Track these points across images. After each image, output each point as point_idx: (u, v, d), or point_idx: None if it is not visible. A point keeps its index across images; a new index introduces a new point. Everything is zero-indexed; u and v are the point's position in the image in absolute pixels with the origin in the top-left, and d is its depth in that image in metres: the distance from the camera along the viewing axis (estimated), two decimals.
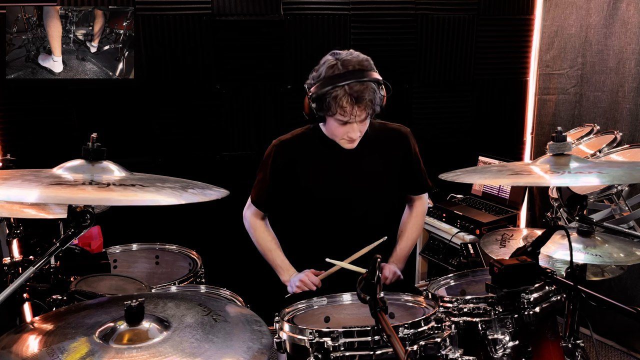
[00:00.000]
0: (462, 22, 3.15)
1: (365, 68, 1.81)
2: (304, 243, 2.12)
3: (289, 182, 2.02)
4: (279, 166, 2.01)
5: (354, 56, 1.83)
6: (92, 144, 1.25)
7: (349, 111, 1.79)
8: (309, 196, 2.03)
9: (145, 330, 1.12)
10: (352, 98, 1.76)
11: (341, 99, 1.77)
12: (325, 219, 2.05)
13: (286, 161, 2.01)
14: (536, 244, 1.49)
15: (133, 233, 2.40)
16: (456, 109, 3.30)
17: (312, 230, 2.09)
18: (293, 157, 2.01)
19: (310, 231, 2.10)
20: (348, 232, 2.03)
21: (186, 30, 2.80)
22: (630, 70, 2.79)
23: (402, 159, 2.07)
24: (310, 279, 1.97)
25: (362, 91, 1.77)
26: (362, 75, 1.79)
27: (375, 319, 1.25)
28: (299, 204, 2.06)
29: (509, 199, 3.05)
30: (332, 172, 2.01)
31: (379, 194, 2.06)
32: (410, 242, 2.20)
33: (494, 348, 1.56)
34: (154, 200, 1.14)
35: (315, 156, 2.01)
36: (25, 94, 2.69)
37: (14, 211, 1.74)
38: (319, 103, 1.82)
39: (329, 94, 1.78)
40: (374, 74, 1.83)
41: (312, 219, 2.07)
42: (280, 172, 2.01)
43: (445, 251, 2.99)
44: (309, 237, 2.10)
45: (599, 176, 1.45)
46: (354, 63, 1.80)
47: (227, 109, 2.94)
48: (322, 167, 2.01)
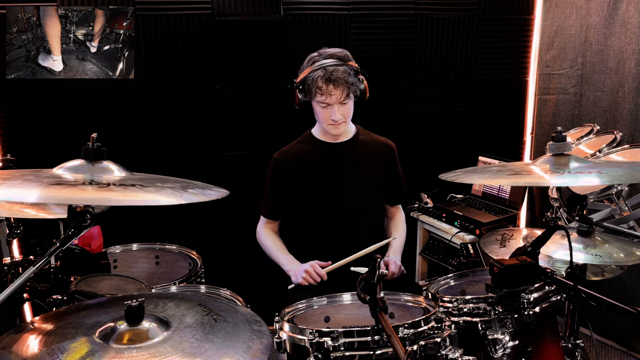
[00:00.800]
0: (462, 22, 3.15)
1: (341, 57, 2.03)
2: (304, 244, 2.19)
3: (290, 189, 2.15)
4: (279, 176, 2.16)
5: (333, 49, 2.06)
6: (92, 144, 1.25)
7: (325, 90, 1.99)
8: (308, 198, 2.14)
9: (145, 330, 1.12)
10: (327, 76, 1.97)
11: (317, 80, 1.99)
12: (323, 220, 2.15)
13: (286, 170, 2.15)
14: (536, 244, 1.49)
15: (133, 233, 2.40)
16: (456, 109, 3.30)
17: (312, 231, 2.17)
18: (292, 165, 2.15)
19: (310, 232, 2.18)
20: (345, 232, 2.14)
21: (186, 30, 2.80)
22: (630, 70, 2.79)
23: (388, 168, 2.22)
24: (316, 270, 2.01)
25: (335, 71, 1.98)
26: (339, 60, 2.02)
27: (375, 319, 1.25)
28: (299, 207, 2.17)
29: (509, 199, 3.05)
30: (329, 174, 2.14)
31: (370, 194, 2.19)
32: (402, 237, 2.30)
33: (494, 348, 1.56)
34: (154, 200, 1.14)
35: (312, 160, 2.15)
36: (25, 94, 2.69)
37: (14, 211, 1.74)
38: (302, 90, 2.07)
39: (308, 77, 2.02)
40: (351, 63, 2.04)
41: (311, 220, 2.17)
42: (281, 180, 2.16)
43: (445, 251, 2.99)
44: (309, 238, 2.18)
45: (599, 176, 1.45)
46: (331, 52, 2.04)
47: (227, 109, 2.94)
48: (320, 170, 2.14)
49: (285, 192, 2.17)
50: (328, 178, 2.14)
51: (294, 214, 2.21)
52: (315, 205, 2.15)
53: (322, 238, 2.15)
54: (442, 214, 3.07)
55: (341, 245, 2.08)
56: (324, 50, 2.06)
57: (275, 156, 2.18)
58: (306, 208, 2.16)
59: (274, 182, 2.18)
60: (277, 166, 2.16)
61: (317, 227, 2.16)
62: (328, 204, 2.14)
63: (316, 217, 2.16)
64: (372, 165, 2.17)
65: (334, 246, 2.09)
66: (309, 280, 2.01)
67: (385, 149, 2.22)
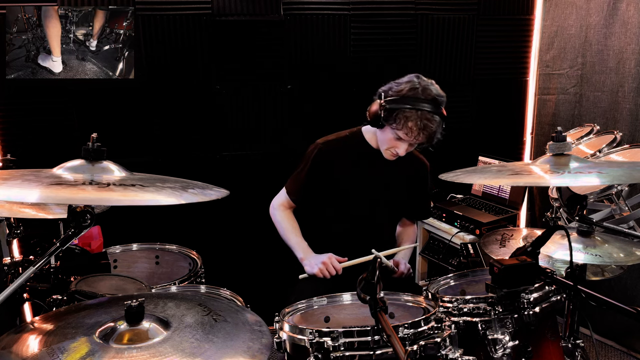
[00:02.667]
0: (462, 22, 3.15)
1: (441, 103, 1.96)
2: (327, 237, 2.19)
3: (325, 181, 2.14)
4: (319, 165, 2.13)
5: (435, 87, 1.97)
6: (92, 144, 1.25)
7: (414, 134, 1.93)
8: (344, 197, 2.15)
9: (145, 330, 1.12)
10: (421, 123, 1.91)
11: (412, 120, 1.91)
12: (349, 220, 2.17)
13: (327, 161, 2.13)
14: (536, 244, 1.49)
15: (133, 233, 2.40)
16: (456, 109, 3.29)
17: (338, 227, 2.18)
18: (334, 158, 2.13)
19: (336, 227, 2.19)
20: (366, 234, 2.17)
21: (186, 30, 2.80)
22: (630, 70, 2.79)
23: (417, 184, 2.26)
24: (332, 263, 2.02)
25: (431, 121, 1.92)
26: (437, 108, 1.94)
27: (375, 319, 1.26)
28: (329, 201, 2.17)
29: (509, 199, 3.05)
30: (367, 179, 2.15)
31: (399, 206, 2.27)
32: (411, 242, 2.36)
33: (494, 348, 1.56)
34: (154, 200, 1.14)
35: (355, 161, 2.14)
36: (25, 94, 2.69)
37: (14, 211, 1.74)
38: (389, 113, 1.94)
39: (403, 111, 1.91)
40: (444, 111, 1.97)
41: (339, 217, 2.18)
42: (318, 170, 2.13)
43: (445, 251, 2.99)
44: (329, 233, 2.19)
45: (599, 176, 1.45)
46: (434, 94, 1.94)
47: (227, 109, 2.94)
48: (359, 173, 2.14)
49: (320, 182, 2.14)
50: (366, 181, 2.14)
51: (322, 205, 2.19)
52: (347, 203, 2.15)
53: (347, 235, 2.16)
54: (442, 214, 3.07)
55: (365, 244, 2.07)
56: (426, 84, 1.95)
57: (320, 143, 2.14)
58: (338, 204, 2.16)
59: (312, 169, 2.13)
60: (320, 154, 2.12)
61: (343, 224, 2.17)
62: (360, 205, 2.15)
63: (345, 215, 2.16)
64: (405, 178, 2.21)
65: (357, 244, 2.09)
66: (324, 273, 2.00)
67: (421, 165, 2.25)
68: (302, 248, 2.13)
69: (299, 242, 2.15)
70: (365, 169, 2.14)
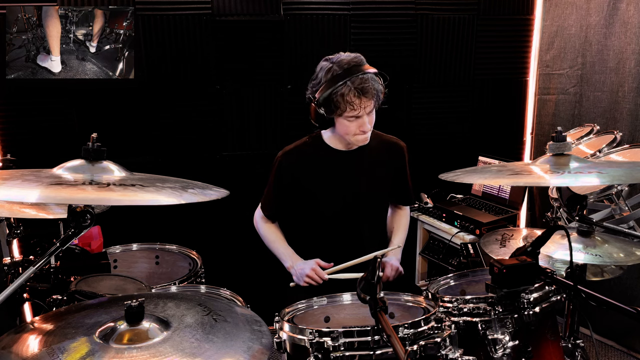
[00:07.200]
0: (462, 22, 3.15)
1: (359, 63, 1.90)
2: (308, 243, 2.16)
3: (293, 190, 2.10)
4: (284, 176, 2.09)
5: (345, 55, 1.91)
6: (92, 144, 1.25)
7: (358, 104, 1.87)
8: (314, 202, 2.10)
9: (145, 330, 1.12)
10: (357, 91, 1.85)
11: (348, 94, 1.85)
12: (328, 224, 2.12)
13: (290, 170, 2.09)
14: (536, 244, 1.49)
15: (133, 233, 2.40)
16: (456, 109, 3.30)
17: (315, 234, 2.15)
18: (297, 166, 2.09)
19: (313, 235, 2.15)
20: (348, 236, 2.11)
21: (186, 30, 2.80)
22: (630, 70, 2.79)
23: (396, 170, 2.17)
24: (317, 273, 2.00)
25: (364, 82, 1.86)
26: (358, 69, 1.88)
27: (375, 319, 1.25)
28: (303, 210, 2.13)
29: (509, 199, 3.05)
30: (335, 179, 2.08)
31: (377, 199, 2.16)
32: (403, 234, 2.26)
33: (494, 348, 1.56)
34: (154, 200, 1.14)
35: (318, 164, 2.09)
36: (25, 94, 2.69)
37: (14, 211, 1.74)
38: (327, 105, 1.90)
39: (335, 93, 1.86)
40: (368, 67, 1.92)
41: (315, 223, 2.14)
42: (284, 181, 2.10)
43: (445, 251, 2.99)
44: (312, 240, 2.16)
45: (599, 176, 1.45)
46: (348, 61, 1.89)
47: (227, 109, 2.94)
48: (326, 174, 2.08)
49: (288, 192, 2.11)
50: (335, 184, 2.09)
51: (298, 214, 2.16)
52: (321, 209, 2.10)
53: (328, 239, 2.13)
54: (442, 214, 3.07)
55: (346, 246, 2.06)
56: (336, 57, 1.91)
57: (280, 155, 2.11)
58: (312, 211, 2.12)
59: (277, 182, 2.11)
60: (281, 167, 2.10)
61: (322, 228, 2.13)
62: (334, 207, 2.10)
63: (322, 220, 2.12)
64: (380, 170, 2.12)
65: (339, 247, 2.07)
66: (310, 283, 2.00)
67: (394, 149, 2.16)
68: (288, 256, 2.10)
69: (284, 251, 2.13)
70: (332, 170, 2.07)
